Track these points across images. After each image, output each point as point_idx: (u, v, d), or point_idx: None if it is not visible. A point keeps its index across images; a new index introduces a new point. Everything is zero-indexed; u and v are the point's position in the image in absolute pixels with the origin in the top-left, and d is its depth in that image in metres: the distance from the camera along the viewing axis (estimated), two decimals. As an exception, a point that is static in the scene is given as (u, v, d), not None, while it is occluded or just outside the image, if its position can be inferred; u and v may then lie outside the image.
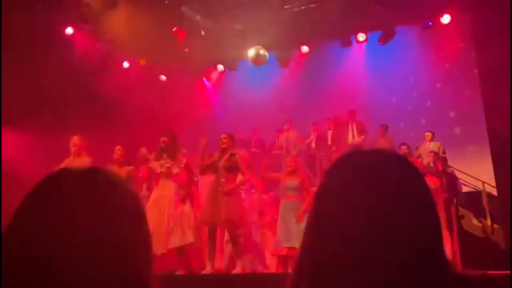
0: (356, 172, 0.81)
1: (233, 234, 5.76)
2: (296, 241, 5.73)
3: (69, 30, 9.28)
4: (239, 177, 6.00)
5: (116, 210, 0.79)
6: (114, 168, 6.27)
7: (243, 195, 6.50)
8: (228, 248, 6.34)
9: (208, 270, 5.65)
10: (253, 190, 7.36)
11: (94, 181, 0.81)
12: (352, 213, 0.77)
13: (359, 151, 0.86)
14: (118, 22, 8.74)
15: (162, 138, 6.17)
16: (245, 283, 5.16)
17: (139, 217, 0.83)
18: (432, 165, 7.51)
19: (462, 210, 8.40)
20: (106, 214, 0.78)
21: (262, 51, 9.36)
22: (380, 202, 0.76)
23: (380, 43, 9.15)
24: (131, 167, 6.43)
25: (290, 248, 5.85)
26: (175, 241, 5.79)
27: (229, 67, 10.43)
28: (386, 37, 9.00)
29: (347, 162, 0.85)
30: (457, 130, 9.25)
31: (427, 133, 8.39)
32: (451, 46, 9.28)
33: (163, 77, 10.72)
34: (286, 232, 6.02)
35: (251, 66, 9.77)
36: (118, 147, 6.53)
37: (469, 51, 8.17)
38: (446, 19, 8.42)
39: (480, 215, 8.08)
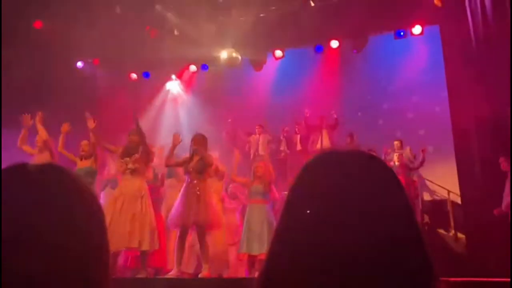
0: (327, 173, 0.79)
1: (202, 238, 5.69)
2: (258, 248, 5.74)
3: (38, 24, 9.06)
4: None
5: (68, 208, 0.76)
6: (77, 162, 6.30)
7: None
8: (193, 252, 6.27)
9: (174, 273, 5.57)
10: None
11: (47, 177, 0.79)
12: (324, 216, 0.74)
13: (329, 152, 0.83)
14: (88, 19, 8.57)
15: (130, 136, 6.04)
16: (211, 287, 5.11)
17: (93, 215, 0.79)
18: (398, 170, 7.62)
19: (426, 218, 8.59)
20: (55, 211, 0.74)
21: (234, 54, 9.36)
22: (353, 203, 0.74)
23: (355, 50, 9.26)
24: (92, 160, 6.31)
25: (251, 255, 5.86)
26: (134, 243, 5.63)
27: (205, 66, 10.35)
28: (359, 45, 9.13)
29: (317, 163, 0.82)
30: (422, 134, 9.37)
31: (396, 142, 8.52)
32: (422, 57, 9.48)
33: (134, 76, 10.55)
34: (249, 238, 6.01)
35: (225, 67, 9.77)
36: (84, 141, 6.47)
37: (440, 62, 8.35)
38: (417, 29, 8.60)
39: (444, 223, 8.28)
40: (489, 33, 6.82)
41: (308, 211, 0.76)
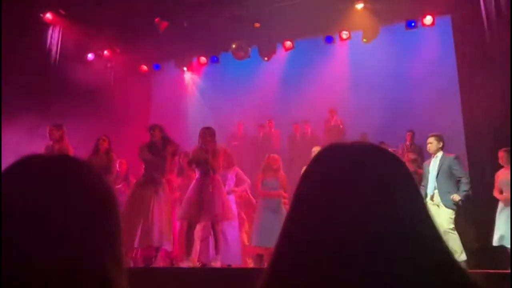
0: (336, 166, 0.79)
1: (215, 229, 5.78)
2: (271, 241, 5.78)
3: (48, 16, 9.11)
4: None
5: (83, 198, 0.77)
6: (92, 157, 6.25)
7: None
8: (206, 244, 6.35)
9: (186, 263, 5.66)
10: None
11: (63, 167, 0.80)
12: (334, 209, 0.74)
13: (338, 144, 0.84)
14: (99, 10, 8.59)
15: (151, 132, 6.05)
16: (224, 277, 5.16)
17: (108, 208, 0.80)
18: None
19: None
20: (72, 200, 0.76)
21: (244, 45, 9.35)
22: (363, 196, 0.74)
23: (364, 41, 9.18)
24: (111, 156, 6.34)
25: (266, 248, 5.93)
26: (149, 241, 5.74)
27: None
28: (369, 36, 9.05)
29: (327, 155, 0.82)
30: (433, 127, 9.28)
31: (408, 133, 8.46)
32: (433, 48, 9.37)
33: (144, 68, 10.59)
34: (262, 231, 6.06)
35: (234, 59, 9.75)
36: (102, 136, 6.44)
37: (450, 53, 8.26)
38: (428, 20, 8.50)
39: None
40: (503, 23, 6.72)
41: (317, 204, 0.76)
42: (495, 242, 5.83)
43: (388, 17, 8.62)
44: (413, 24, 8.73)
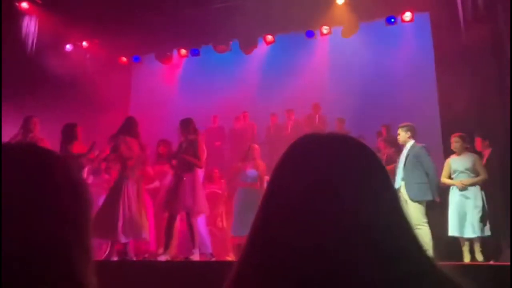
0: (309, 157, 0.78)
1: (189, 222, 5.76)
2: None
3: (24, 5, 8.91)
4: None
5: (49, 188, 0.76)
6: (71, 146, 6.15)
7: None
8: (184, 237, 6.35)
9: (164, 257, 5.65)
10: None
11: (30, 157, 0.78)
12: (307, 201, 0.74)
13: (311, 136, 0.83)
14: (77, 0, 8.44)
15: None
16: (202, 270, 5.15)
17: (76, 199, 0.79)
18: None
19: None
20: (38, 191, 0.74)
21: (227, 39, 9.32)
22: (336, 187, 0.74)
23: (344, 36, 9.24)
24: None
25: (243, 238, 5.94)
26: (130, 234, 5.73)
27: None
28: (349, 31, 9.11)
29: (299, 147, 0.82)
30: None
31: (383, 127, 8.56)
32: (412, 44, 9.47)
33: (123, 59, 10.45)
34: (242, 221, 6.09)
35: (215, 52, 9.72)
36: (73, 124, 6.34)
37: (429, 49, 8.37)
38: (407, 16, 8.60)
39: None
40: (479, 20, 6.83)
41: (290, 195, 0.75)
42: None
43: (368, 12, 8.69)
44: (392, 20, 8.83)
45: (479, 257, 5.62)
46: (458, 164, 5.97)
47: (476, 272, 4.37)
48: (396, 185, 5.89)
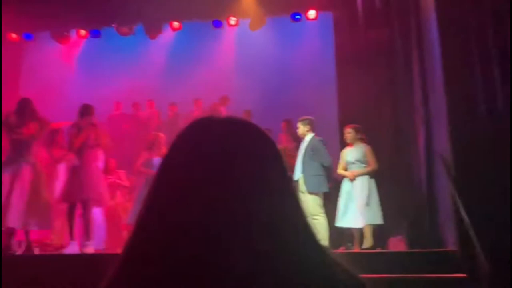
0: (203, 138, 0.75)
1: (86, 213, 5.63)
2: None
3: None
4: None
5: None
6: None
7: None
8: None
9: (69, 249, 5.50)
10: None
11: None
12: (198, 185, 0.70)
13: (206, 118, 0.79)
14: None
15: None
16: (95, 262, 4.92)
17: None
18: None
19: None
20: None
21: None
22: (229, 172, 0.71)
23: (251, 29, 9.32)
24: None
25: None
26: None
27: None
28: (256, 24, 9.20)
29: (194, 129, 0.78)
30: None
31: (283, 122, 8.75)
32: (315, 42, 9.81)
33: (13, 36, 9.57)
34: None
35: (117, 34, 9.30)
36: None
37: (331, 48, 8.71)
38: (312, 14, 8.89)
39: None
40: (377, 22, 7.24)
41: (181, 181, 0.72)
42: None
43: (275, 8, 8.83)
44: (297, 16, 9.07)
45: (367, 244, 5.77)
46: (350, 155, 6.18)
47: (364, 259, 4.65)
48: (295, 177, 6.09)
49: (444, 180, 4.87)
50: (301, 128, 6.27)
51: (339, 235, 6.16)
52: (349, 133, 6.25)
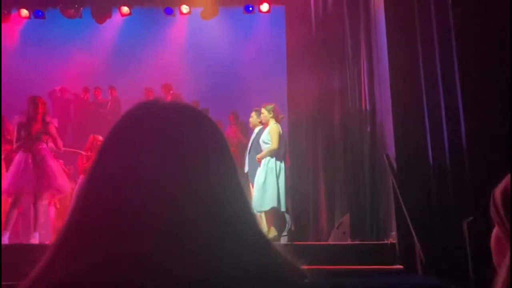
0: (145, 123, 0.71)
1: (34, 204, 5.61)
2: None
3: None
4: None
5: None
6: None
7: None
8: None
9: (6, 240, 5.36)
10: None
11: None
12: (141, 171, 0.66)
13: (151, 102, 0.76)
14: None
15: None
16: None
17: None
18: None
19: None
20: None
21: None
22: (173, 159, 0.67)
23: (202, 18, 9.20)
24: None
25: None
26: None
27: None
28: (208, 14, 9.09)
29: (134, 114, 0.74)
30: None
31: (231, 114, 8.70)
32: (267, 35, 9.83)
33: None
34: None
35: (62, 17, 8.90)
36: None
37: (282, 42, 8.74)
38: (265, 7, 8.87)
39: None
40: (329, 18, 7.34)
41: (122, 166, 0.67)
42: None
43: (228, -2, 8.77)
44: (250, 8, 9.03)
45: (272, 233, 5.59)
46: (261, 135, 6.00)
47: (306, 251, 4.73)
48: (246, 169, 6.09)
49: (387, 175, 5.03)
50: (254, 118, 6.17)
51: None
52: (262, 113, 6.06)
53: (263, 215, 5.73)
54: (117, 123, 0.73)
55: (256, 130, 6.21)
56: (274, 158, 5.80)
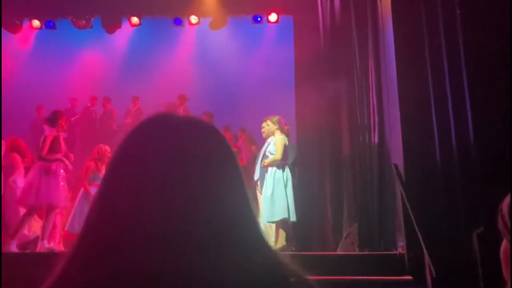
0: (157, 137, 0.72)
1: (47, 216, 5.75)
2: None
3: None
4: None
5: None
6: None
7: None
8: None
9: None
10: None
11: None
12: (152, 184, 0.67)
13: (163, 115, 0.76)
14: None
15: None
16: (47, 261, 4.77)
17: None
18: None
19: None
20: None
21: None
22: (184, 172, 0.68)
23: (211, 28, 9.28)
24: None
25: None
26: None
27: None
28: (217, 24, 9.17)
29: (148, 126, 0.75)
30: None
31: (239, 131, 8.66)
32: (276, 45, 9.86)
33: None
34: (76, 217, 6.32)
35: (73, 27, 9.01)
36: None
37: (291, 52, 8.76)
38: (273, 17, 8.93)
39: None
40: (336, 29, 7.35)
41: (133, 179, 0.69)
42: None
43: (237, 8, 8.82)
44: (259, 19, 9.09)
45: (280, 243, 5.57)
46: (267, 147, 6.02)
47: (315, 261, 4.71)
48: (256, 177, 6.08)
49: (396, 186, 5.00)
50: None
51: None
52: (267, 125, 6.10)
53: (273, 225, 5.71)
54: (128, 136, 0.74)
55: (269, 140, 6.22)
56: (280, 169, 5.83)
